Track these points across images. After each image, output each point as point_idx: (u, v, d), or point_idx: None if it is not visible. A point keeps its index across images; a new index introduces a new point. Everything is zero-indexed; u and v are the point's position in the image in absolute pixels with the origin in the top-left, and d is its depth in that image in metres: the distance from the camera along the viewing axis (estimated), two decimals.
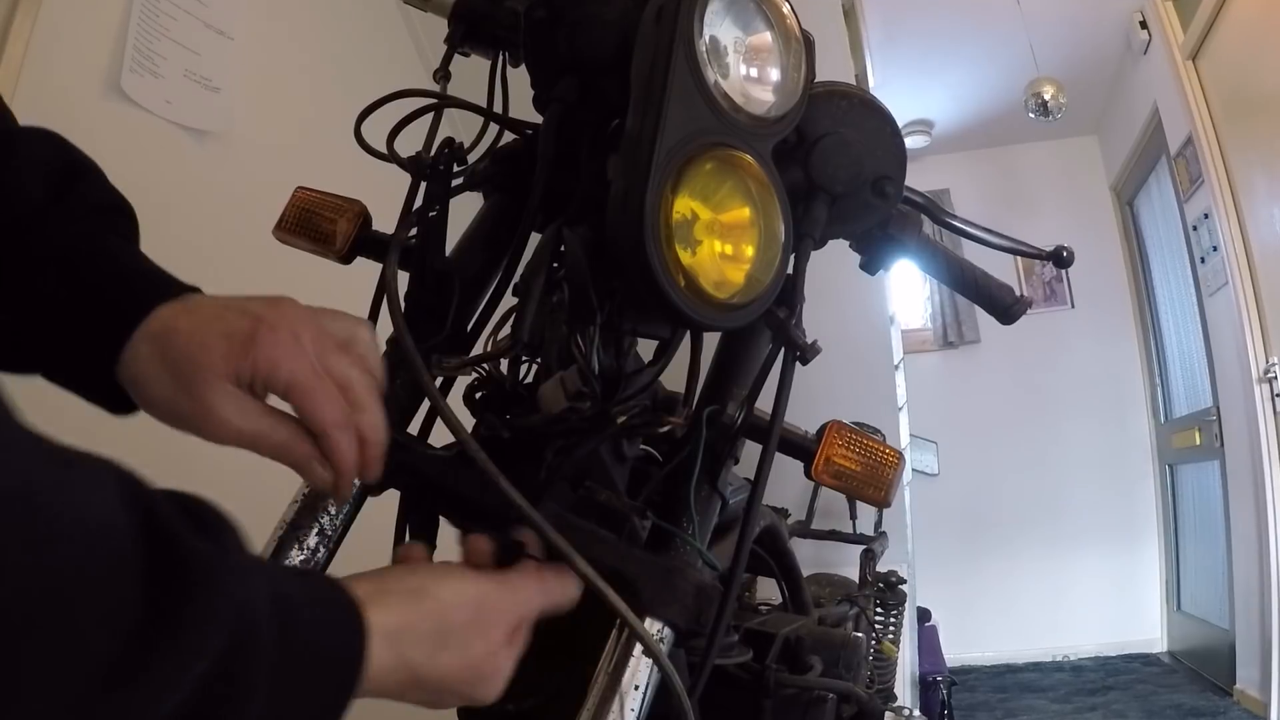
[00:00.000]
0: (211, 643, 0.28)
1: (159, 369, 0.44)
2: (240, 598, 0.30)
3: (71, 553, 0.25)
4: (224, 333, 0.44)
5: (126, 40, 1.40)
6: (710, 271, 0.49)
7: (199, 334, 0.44)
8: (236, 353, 0.44)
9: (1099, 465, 4.36)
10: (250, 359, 0.43)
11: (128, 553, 0.26)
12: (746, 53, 0.52)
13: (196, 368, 0.43)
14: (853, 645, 0.90)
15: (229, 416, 0.43)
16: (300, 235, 0.68)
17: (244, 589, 0.30)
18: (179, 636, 0.27)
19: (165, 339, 0.45)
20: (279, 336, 0.44)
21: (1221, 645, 3.40)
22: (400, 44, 2.24)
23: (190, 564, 0.28)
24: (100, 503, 0.27)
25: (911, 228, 0.68)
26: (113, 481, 0.28)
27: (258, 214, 0.81)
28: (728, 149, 0.50)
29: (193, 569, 0.28)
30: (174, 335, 0.45)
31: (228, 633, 0.29)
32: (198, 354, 0.44)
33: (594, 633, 0.56)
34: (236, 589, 0.30)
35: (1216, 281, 3.31)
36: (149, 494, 0.29)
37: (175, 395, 0.44)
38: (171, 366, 0.44)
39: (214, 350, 0.44)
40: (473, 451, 0.48)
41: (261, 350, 0.44)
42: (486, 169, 0.69)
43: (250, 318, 0.45)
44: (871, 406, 2.11)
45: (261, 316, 0.45)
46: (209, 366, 0.43)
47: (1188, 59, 3.34)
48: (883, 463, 0.59)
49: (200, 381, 0.43)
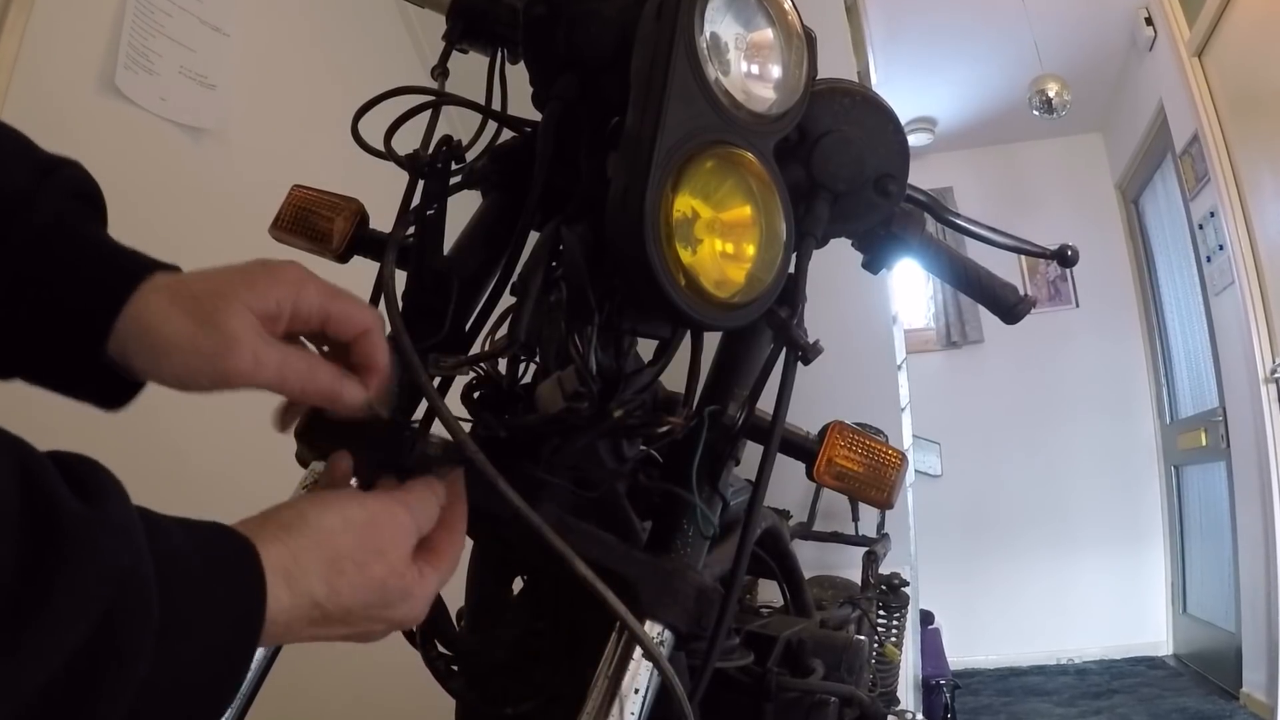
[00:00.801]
0: (87, 610, 0.28)
1: (175, 310, 0.44)
2: (118, 562, 0.29)
3: None
4: (242, 271, 0.46)
5: (121, 37, 1.40)
6: (711, 270, 0.49)
7: (216, 276, 0.46)
8: (261, 283, 0.46)
9: (1104, 466, 4.36)
10: (276, 285, 0.46)
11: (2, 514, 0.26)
12: (748, 49, 0.52)
13: (220, 298, 0.44)
14: (855, 648, 0.90)
15: (255, 344, 0.44)
16: (297, 234, 0.68)
17: (123, 552, 0.30)
18: (52, 607, 0.26)
19: (179, 285, 0.46)
20: (297, 268, 0.48)
21: (1228, 648, 3.40)
22: (398, 41, 2.24)
23: (67, 528, 0.28)
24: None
25: (914, 226, 0.68)
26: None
27: (254, 212, 0.81)
28: (729, 147, 0.50)
29: (68, 534, 0.28)
30: (189, 280, 0.46)
31: (104, 598, 0.28)
32: (220, 287, 0.45)
33: (593, 635, 0.56)
34: (114, 553, 0.29)
35: (1222, 280, 3.31)
36: (31, 457, 0.29)
37: (195, 331, 0.43)
38: (190, 303, 0.44)
39: (236, 283, 0.45)
40: (470, 452, 0.48)
41: (286, 276, 0.47)
42: (485, 167, 0.69)
43: (262, 261, 0.48)
44: (874, 407, 2.11)
45: (272, 260, 0.48)
46: (233, 296, 0.44)
47: (1193, 56, 3.34)
48: (885, 464, 0.59)
49: (224, 310, 0.44)
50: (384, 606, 0.43)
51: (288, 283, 0.47)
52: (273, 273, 0.47)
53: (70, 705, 0.27)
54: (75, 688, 0.27)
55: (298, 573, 0.38)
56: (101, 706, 0.28)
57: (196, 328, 0.43)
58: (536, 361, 0.60)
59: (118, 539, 0.30)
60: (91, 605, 0.28)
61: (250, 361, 0.44)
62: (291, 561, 0.38)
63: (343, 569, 0.40)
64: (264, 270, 0.47)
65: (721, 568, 0.62)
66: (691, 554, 0.58)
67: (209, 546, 0.35)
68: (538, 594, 0.67)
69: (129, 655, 0.29)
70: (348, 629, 0.42)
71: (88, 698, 0.28)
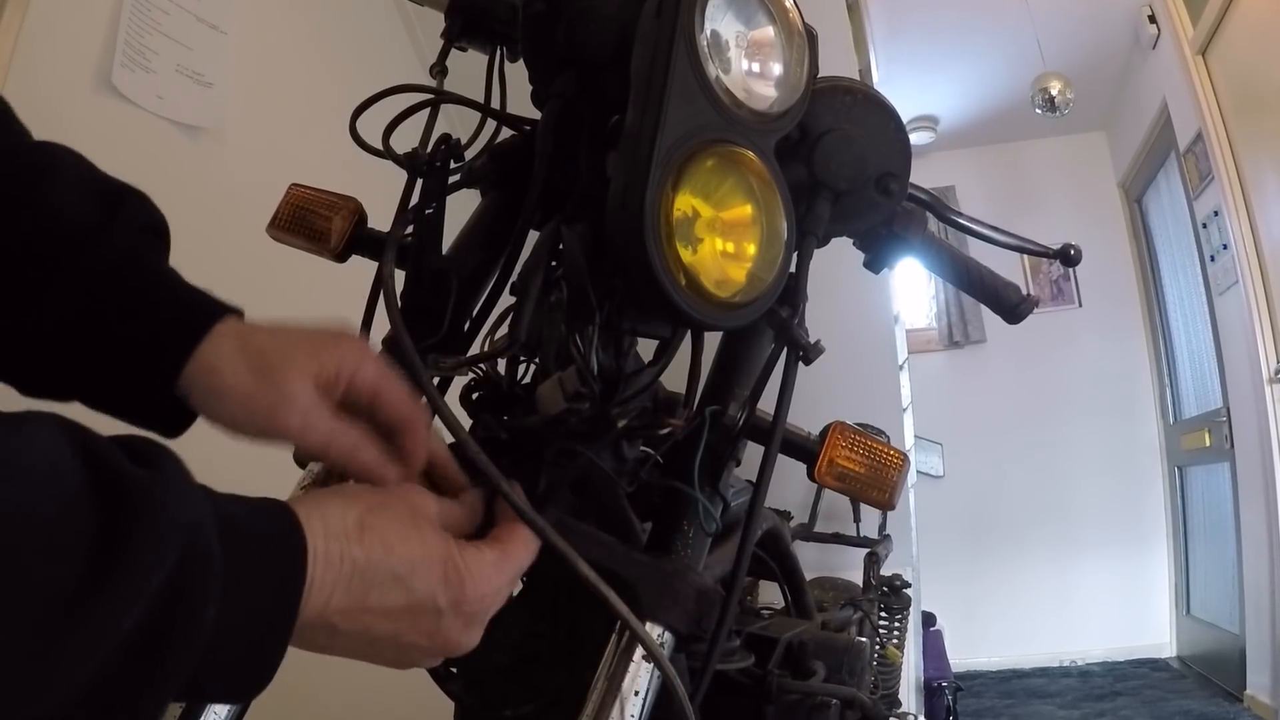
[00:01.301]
0: (164, 557, 0.30)
1: (240, 362, 0.47)
2: (185, 517, 0.32)
3: (23, 495, 0.28)
4: (309, 336, 0.50)
5: (118, 35, 1.39)
6: (711, 270, 0.49)
7: (282, 334, 0.49)
8: (324, 351, 0.48)
9: (1107, 467, 4.36)
10: (338, 356, 0.49)
11: (75, 486, 0.29)
12: (748, 48, 0.52)
13: (283, 358, 0.47)
14: (856, 650, 0.90)
15: (308, 409, 0.47)
16: (294, 233, 0.68)
17: (188, 508, 0.33)
18: (132, 555, 0.29)
19: (247, 335, 0.49)
20: (360, 343, 0.51)
21: (1232, 650, 3.40)
22: (396, 38, 2.24)
23: (134, 490, 0.31)
24: (45, 448, 0.29)
25: (916, 225, 0.68)
26: (56, 429, 0.31)
27: (251, 211, 0.81)
28: (729, 145, 0.50)
29: (136, 494, 0.31)
30: (257, 334, 0.49)
31: (179, 546, 0.31)
32: (285, 347, 0.48)
33: (593, 637, 0.56)
34: (181, 508, 0.32)
35: (1226, 280, 3.31)
36: (89, 436, 0.32)
37: (255, 385, 0.47)
38: (257, 358, 0.47)
39: (300, 347, 0.48)
40: (472, 453, 0.48)
41: (348, 348, 0.50)
42: (484, 166, 0.69)
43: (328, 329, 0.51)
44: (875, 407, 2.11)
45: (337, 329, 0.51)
46: (295, 360, 0.48)
47: (1197, 54, 3.34)
48: (887, 464, 0.59)
49: (285, 372, 0.47)
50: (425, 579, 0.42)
51: (348, 355, 0.50)
52: (337, 343, 0.50)
53: (154, 643, 0.30)
54: (158, 627, 0.30)
55: (334, 532, 0.40)
56: (176, 642, 0.31)
57: (257, 381, 0.47)
58: (536, 362, 0.60)
59: (182, 496, 0.33)
60: (166, 552, 0.31)
61: (299, 424, 0.47)
62: (323, 523, 0.40)
63: (373, 525, 0.41)
64: (329, 339, 0.50)
65: (722, 569, 0.62)
66: (692, 555, 0.58)
67: (256, 508, 0.38)
68: (537, 596, 0.67)
69: (200, 599, 0.32)
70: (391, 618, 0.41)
71: (168, 635, 0.31)
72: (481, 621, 0.45)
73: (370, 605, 0.40)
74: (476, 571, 0.44)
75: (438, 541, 0.43)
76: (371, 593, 0.40)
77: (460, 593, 0.43)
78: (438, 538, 0.44)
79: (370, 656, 0.43)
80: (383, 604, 0.41)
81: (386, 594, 0.41)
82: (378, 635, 0.41)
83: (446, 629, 0.43)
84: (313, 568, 0.38)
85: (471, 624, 0.44)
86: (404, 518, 0.43)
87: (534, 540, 0.48)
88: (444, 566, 0.43)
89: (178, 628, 0.31)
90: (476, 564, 0.44)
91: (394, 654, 0.43)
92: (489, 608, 0.45)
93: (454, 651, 0.44)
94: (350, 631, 0.40)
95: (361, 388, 0.49)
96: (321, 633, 0.39)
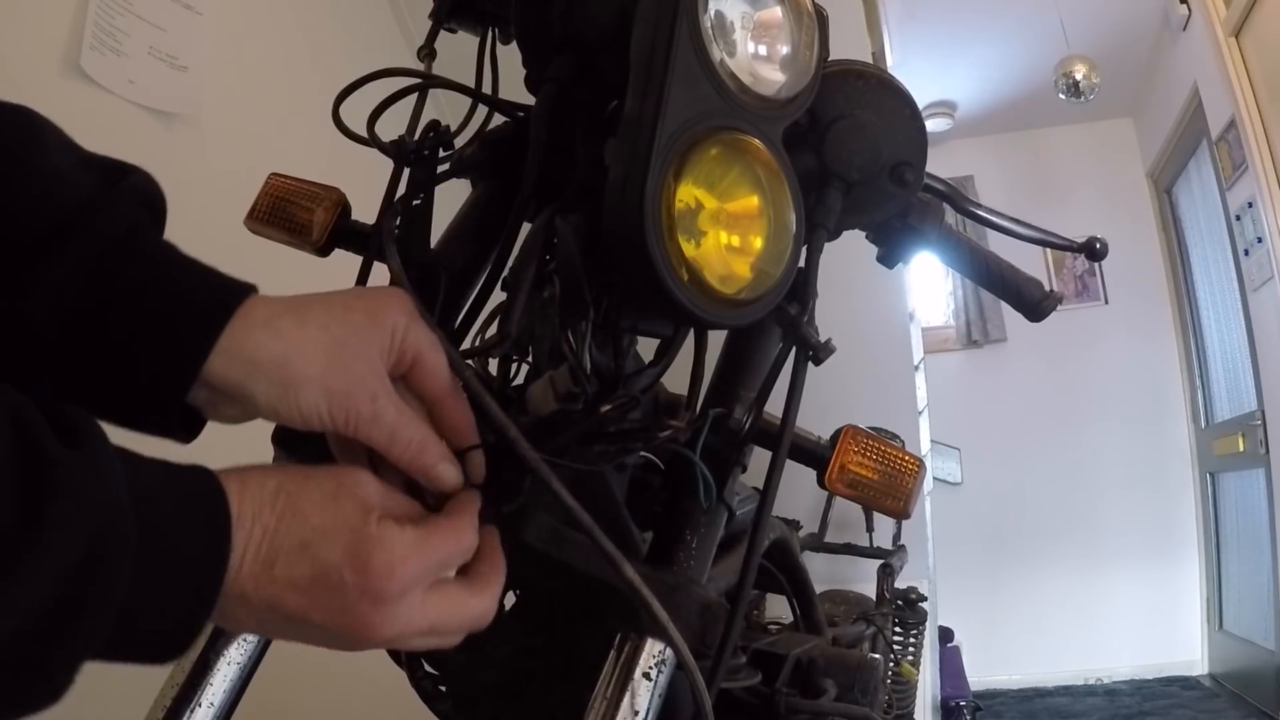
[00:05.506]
0: (74, 538, 0.33)
1: (302, 345, 0.46)
2: (102, 497, 0.34)
3: None
4: (366, 309, 0.49)
5: (86, 15, 1.40)
6: (715, 264, 0.49)
7: (338, 302, 0.48)
8: (385, 319, 0.48)
9: (1135, 473, 4.37)
10: (392, 318, 0.48)
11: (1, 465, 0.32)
12: (755, 29, 0.52)
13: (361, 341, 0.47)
14: (869, 667, 0.90)
15: (379, 394, 0.47)
16: (274, 226, 0.68)
17: (104, 489, 0.35)
18: (45, 535, 0.32)
19: (298, 308, 0.47)
20: (407, 300, 0.51)
21: (1267, 667, 3.40)
22: (382, 19, 2.24)
23: (55, 467, 0.33)
24: None
25: (932, 218, 0.68)
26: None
27: (228, 203, 0.81)
28: (734, 133, 0.50)
29: (57, 472, 0.33)
30: (312, 305, 0.48)
31: (91, 524, 0.33)
32: (349, 336, 0.47)
33: (590, 654, 0.56)
34: (96, 490, 0.34)
35: (1261, 275, 3.31)
36: (23, 407, 0.34)
37: (325, 371, 0.46)
38: (323, 341, 0.46)
39: (363, 324, 0.48)
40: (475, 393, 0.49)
41: (400, 308, 0.49)
42: (474, 154, 0.69)
43: (376, 293, 0.51)
44: (889, 410, 2.11)
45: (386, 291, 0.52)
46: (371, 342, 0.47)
47: (1230, 35, 3.34)
48: (902, 471, 0.59)
49: (360, 357, 0.47)
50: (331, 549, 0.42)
51: (401, 316, 0.49)
52: (392, 301, 0.50)
53: (62, 620, 0.33)
54: (67, 605, 0.33)
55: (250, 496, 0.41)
56: (87, 620, 0.34)
57: (325, 368, 0.46)
58: (529, 361, 0.60)
59: (100, 478, 0.35)
60: (78, 533, 0.33)
61: (369, 412, 0.46)
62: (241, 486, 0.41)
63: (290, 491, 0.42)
64: (384, 296, 0.50)
65: (727, 581, 0.62)
66: (695, 567, 0.58)
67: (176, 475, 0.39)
68: (531, 609, 0.67)
69: (111, 577, 0.34)
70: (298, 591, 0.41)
71: (78, 613, 0.34)
72: (395, 605, 0.43)
73: (277, 575, 0.41)
74: (388, 546, 0.43)
75: (353, 512, 0.43)
76: (279, 560, 0.41)
77: (365, 566, 0.42)
78: (356, 510, 0.43)
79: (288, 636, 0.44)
80: (289, 574, 0.41)
81: (294, 563, 0.41)
82: (289, 611, 0.42)
83: (354, 608, 0.42)
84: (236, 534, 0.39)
85: (382, 606, 0.43)
86: (327, 489, 0.43)
87: (468, 535, 0.48)
88: (352, 535, 0.42)
89: (89, 608, 0.34)
90: (390, 539, 0.43)
91: (308, 634, 0.43)
92: (402, 591, 0.43)
93: (371, 637, 0.43)
94: (260, 603, 0.41)
95: (403, 350, 0.49)
96: (235, 602, 0.40)
